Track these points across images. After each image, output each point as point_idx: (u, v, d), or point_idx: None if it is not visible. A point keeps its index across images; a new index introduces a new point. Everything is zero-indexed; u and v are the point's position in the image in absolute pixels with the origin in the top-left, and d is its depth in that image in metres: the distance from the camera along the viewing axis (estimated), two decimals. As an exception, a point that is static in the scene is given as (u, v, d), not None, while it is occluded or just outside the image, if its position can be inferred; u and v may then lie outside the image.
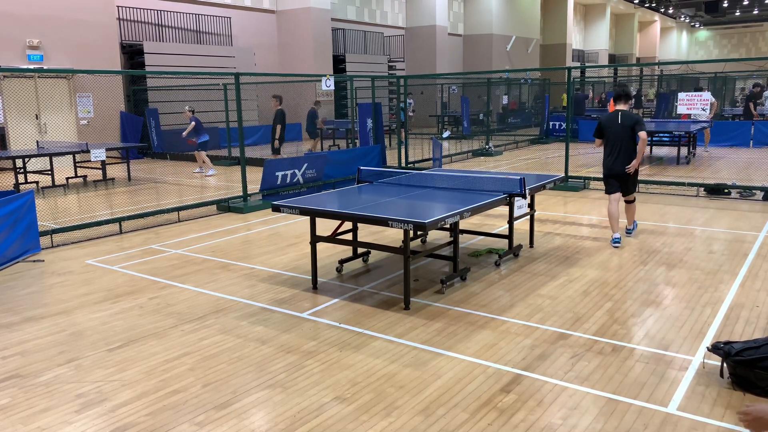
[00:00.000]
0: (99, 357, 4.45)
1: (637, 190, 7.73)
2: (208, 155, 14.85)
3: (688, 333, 4.68)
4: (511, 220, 6.61)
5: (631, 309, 5.20)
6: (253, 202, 10.19)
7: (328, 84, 12.34)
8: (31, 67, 15.60)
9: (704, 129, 16.05)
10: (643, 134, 7.05)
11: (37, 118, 16.21)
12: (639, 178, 7.95)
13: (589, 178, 11.53)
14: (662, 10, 51.74)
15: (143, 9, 20.04)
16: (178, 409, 3.70)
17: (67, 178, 13.01)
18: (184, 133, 14.33)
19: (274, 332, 4.83)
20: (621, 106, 7.30)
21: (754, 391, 3.73)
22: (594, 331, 4.73)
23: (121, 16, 19.29)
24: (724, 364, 3.90)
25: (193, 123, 14.13)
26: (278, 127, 14.97)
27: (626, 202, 7.54)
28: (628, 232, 7.74)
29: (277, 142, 15.14)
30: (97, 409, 3.72)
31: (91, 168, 13.41)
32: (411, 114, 20.03)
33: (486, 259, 6.78)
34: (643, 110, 28.54)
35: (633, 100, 7.40)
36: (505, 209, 6.61)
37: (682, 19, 58.44)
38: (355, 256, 6.59)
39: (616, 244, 7.19)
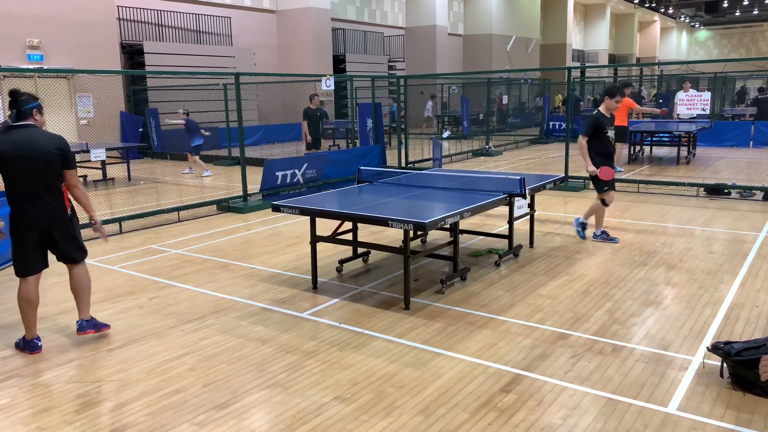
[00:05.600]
0: (99, 357, 4.45)
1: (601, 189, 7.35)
2: (207, 155, 14.80)
3: (688, 333, 4.68)
4: (511, 220, 6.61)
5: (631, 309, 5.20)
6: (253, 202, 10.20)
7: (328, 84, 12.34)
8: (31, 67, 15.59)
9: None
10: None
11: (37, 118, 16.19)
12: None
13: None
14: (662, 10, 51.75)
15: (143, 9, 20.04)
16: (178, 409, 3.70)
17: (67, 178, 12.98)
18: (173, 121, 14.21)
19: (274, 332, 4.83)
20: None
21: (754, 391, 3.73)
22: (594, 331, 4.73)
23: (121, 16, 19.29)
24: (724, 364, 3.90)
25: (183, 122, 14.01)
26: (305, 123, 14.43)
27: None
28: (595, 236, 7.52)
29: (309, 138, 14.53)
30: (97, 409, 3.72)
31: (91, 168, 13.41)
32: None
33: (486, 259, 6.78)
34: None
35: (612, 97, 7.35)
36: (505, 209, 6.61)
37: (682, 19, 58.44)
38: (355, 256, 6.59)
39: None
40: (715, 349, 3.96)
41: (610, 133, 7.32)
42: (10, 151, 4.20)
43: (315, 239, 5.87)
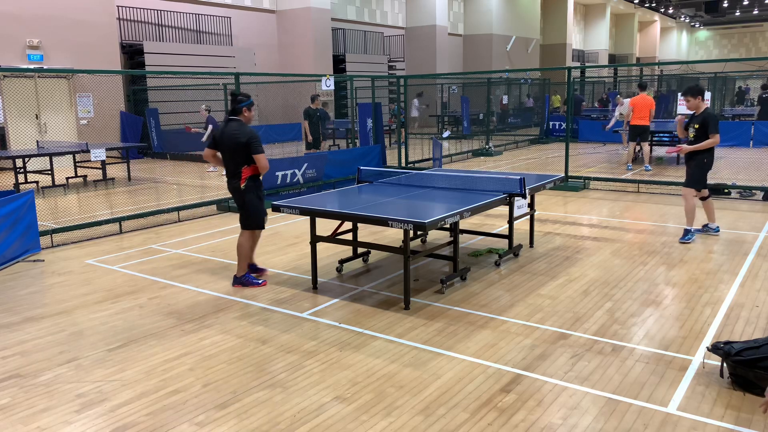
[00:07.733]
0: (99, 357, 4.45)
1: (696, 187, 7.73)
2: None
3: (688, 333, 4.68)
4: (511, 220, 6.61)
5: (631, 309, 5.20)
6: (253, 202, 10.18)
7: (328, 84, 12.34)
8: (31, 67, 15.59)
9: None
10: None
11: (37, 118, 16.21)
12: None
13: (589, 178, 11.53)
14: (662, 10, 51.74)
15: (143, 9, 20.04)
16: (178, 409, 3.70)
17: (67, 178, 13.00)
18: (204, 139, 14.03)
19: (274, 332, 4.83)
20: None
21: (754, 391, 3.73)
22: (594, 331, 4.73)
23: (121, 16, 19.30)
24: (724, 364, 3.90)
25: (210, 127, 14.01)
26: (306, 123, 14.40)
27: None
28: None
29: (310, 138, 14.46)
30: (97, 409, 3.72)
31: (91, 168, 13.41)
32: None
33: (486, 259, 6.78)
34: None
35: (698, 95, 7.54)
36: (505, 209, 6.61)
37: (682, 19, 58.44)
38: (355, 256, 6.59)
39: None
40: (715, 349, 3.96)
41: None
42: (218, 137, 5.76)
43: (315, 239, 5.87)
